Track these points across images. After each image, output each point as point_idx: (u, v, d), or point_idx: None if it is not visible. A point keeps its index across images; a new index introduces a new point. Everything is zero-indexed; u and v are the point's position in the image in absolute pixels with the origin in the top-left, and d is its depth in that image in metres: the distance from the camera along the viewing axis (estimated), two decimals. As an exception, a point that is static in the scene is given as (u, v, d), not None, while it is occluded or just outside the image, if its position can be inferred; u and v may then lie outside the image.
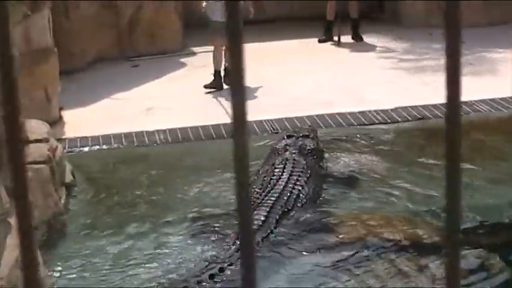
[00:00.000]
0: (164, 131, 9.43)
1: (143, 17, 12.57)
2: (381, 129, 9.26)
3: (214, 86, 10.63)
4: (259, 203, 6.92)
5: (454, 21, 1.12)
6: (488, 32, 12.73)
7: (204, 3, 10.22)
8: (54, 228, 7.11)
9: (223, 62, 10.47)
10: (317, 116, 9.73)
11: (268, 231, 6.65)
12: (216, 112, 10.00)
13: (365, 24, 13.27)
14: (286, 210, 6.92)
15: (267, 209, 6.83)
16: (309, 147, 7.88)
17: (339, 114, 9.74)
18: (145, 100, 10.66)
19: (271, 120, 9.61)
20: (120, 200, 7.78)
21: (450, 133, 1.15)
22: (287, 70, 11.53)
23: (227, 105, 10.29)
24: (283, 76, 11.24)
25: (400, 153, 8.59)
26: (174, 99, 10.64)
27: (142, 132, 9.48)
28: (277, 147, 7.91)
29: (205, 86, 10.61)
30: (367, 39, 13.19)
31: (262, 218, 6.71)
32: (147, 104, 10.50)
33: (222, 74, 10.64)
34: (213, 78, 10.54)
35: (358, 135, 9.06)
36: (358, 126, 9.35)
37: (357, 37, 13.16)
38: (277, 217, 6.81)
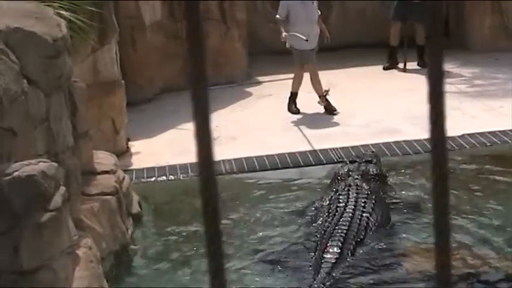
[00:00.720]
0: (230, 160, 9.30)
1: (207, 46, 12.29)
2: (448, 157, 9.17)
3: (331, 108, 10.78)
4: (331, 233, 6.78)
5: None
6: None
7: (284, 34, 10.30)
8: (122, 260, 7.02)
9: (321, 86, 10.73)
10: (383, 144, 9.56)
11: (345, 263, 6.51)
12: (283, 141, 9.85)
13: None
14: (358, 240, 6.80)
15: (341, 240, 6.69)
16: (371, 173, 7.77)
17: (405, 142, 9.59)
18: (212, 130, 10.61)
19: (337, 148, 9.46)
20: (187, 232, 7.64)
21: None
22: (352, 98, 11.42)
23: (296, 134, 10.19)
24: (349, 104, 11.15)
25: (468, 180, 8.40)
26: (239, 128, 10.55)
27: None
28: (340, 172, 7.82)
29: (326, 109, 10.81)
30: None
31: (338, 251, 6.57)
32: (213, 134, 10.39)
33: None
34: (325, 100, 10.69)
35: (425, 163, 8.80)
36: (425, 154, 9.13)
37: (424, 63, 12.79)
38: (351, 248, 6.68)
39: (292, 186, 8.45)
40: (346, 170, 7.77)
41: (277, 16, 10.64)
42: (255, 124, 10.67)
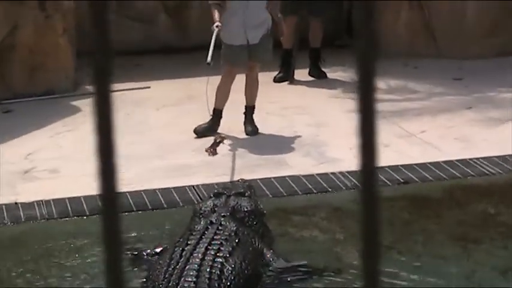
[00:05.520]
0: (49, 202, 7.97)
1: (19, 42, 10.78)
2: (350, 197, 7.90)
3: (211, 130, 9.33)
4: None
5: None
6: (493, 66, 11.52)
7: (217, 23, 9.01)
8: None
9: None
10: (261, 180, 8.17)
11: None
12: (125, 175, 8.33)
13: (329, 54, 11.54)
14: None
15: None
16: (245, 209, 6.93)
17: (291, 177, 8.37)
18: (22, 159, 8.98)
19: (194, 186, 8.26)
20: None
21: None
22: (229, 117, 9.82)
23: (147, 166, 8.63)
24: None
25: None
26: (63, 158, 9.05)
27: (16, 204, 7.90)
28: (202, 209, 6.93)
29: (196, 131, 9.37)
30: (332, 74, 11.47)
31: None
32: (25, 165, 8.83)
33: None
34: (210, 118, 9.43)
35: (317, 205, 7.87)
36: (316, 194, 8.09)
37: (319, 72, 11.28)
38: None
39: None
40: (210, 206, 6.95)
41: None
42: (85, 152, 8.99)
